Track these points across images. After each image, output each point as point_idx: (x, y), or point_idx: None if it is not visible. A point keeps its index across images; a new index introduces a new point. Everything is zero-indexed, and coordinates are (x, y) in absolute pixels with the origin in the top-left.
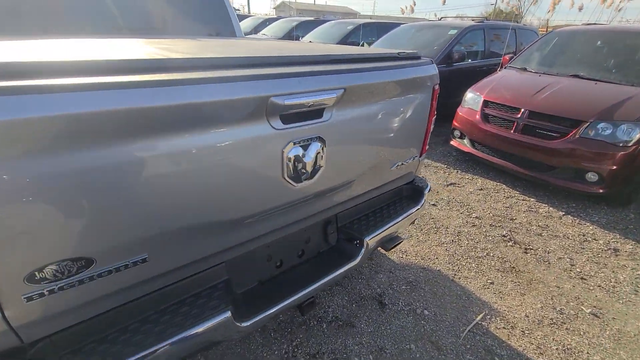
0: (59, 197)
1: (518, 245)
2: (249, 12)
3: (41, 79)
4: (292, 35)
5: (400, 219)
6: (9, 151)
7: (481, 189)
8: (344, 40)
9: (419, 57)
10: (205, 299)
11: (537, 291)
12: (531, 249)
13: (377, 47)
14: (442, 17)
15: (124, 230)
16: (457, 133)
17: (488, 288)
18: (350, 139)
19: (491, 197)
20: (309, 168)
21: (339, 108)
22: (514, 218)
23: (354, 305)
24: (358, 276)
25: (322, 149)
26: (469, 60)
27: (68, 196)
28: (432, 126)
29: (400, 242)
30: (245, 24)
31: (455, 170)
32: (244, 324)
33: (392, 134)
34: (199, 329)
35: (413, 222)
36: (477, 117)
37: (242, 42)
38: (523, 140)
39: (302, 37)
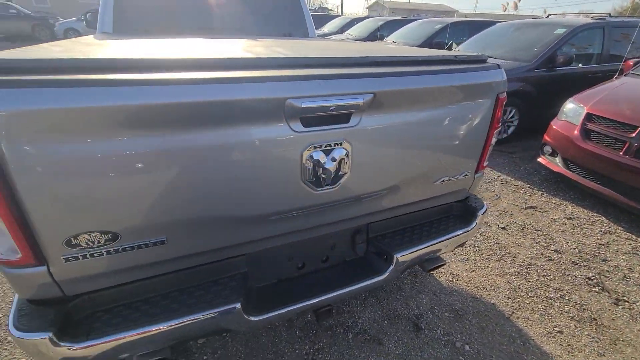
0: (100, 177)
1: (607, 293)
2: (341, 13)
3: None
4: (376, 35)
5: (441, 239)
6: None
7: (570, 218)
8: (429, 40)
9: (483, 61)
10: (221, 287)
11: (623, 356)
12: (626, 301)
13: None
14: (550, 14)
15: (147, 214)
16: (547, 149)
17: (554, 337)
18: (382, 148)
19: (581, 229)
20: (331, 174)
21: (370, 113)
22: (609, 259)
23: (385, 322)
24: (397, 292)
25: (347, 155)
26: (579, 64)
27: (107, 177)
28: (494, 139)
29: (441, 265)
30: (332, 25)
31: (540, 192)
32: (254, 318)
33: (437, 146)
34: (207, 314)
35: (461, 245)
36: (576, 132)
37: (299, 42)
38: (636, 165)
39: (386, 37)
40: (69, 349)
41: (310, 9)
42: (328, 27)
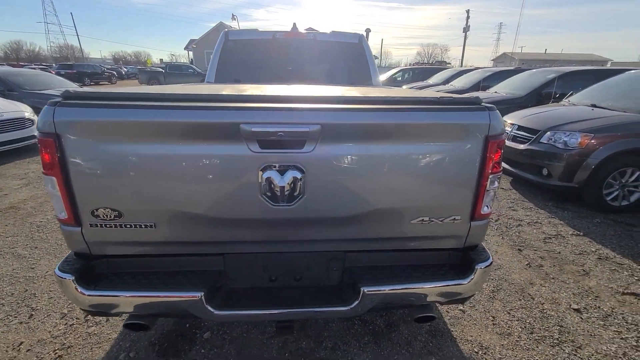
0: (114, 171)
1: None
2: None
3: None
4: (480, 85)
5: (421, 285)
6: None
7: None
8: (537, 91)
9: (474, 103)
10: (195, 276)
11: None
12: None
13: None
14: None
15: (141, 202)
16: None
17: None
18: (340, 176)
19: None
20: (285, 192)
21: (326, 143)
22: None
23: None
24: (404, 346)
25: (301, 177)
26: None
27: (118, 171)
28: (489, 185)
29: (430, 318)
30: (438, 77)
31: None
32: (214, 311)
33: (406, 183)
34: (176, 295)
35: (459, 301)
36: None
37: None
38: None
39: (489, 87)
40: (80, 292)
41: (424, 63)
42: (434, 79)
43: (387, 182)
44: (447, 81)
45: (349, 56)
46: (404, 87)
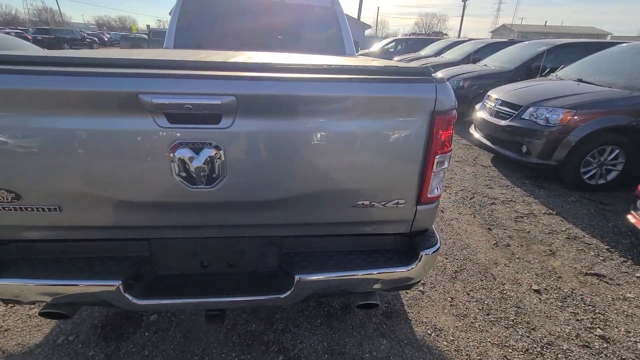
0: (7, 148)
1: None
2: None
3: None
4: (470, 58)
5: (358, 273)
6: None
7: None
8: (526, 64)
9: (422, 73)
10: (115, 263)
11: None
12: None
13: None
14: None
15: (38, 183)
16: None
17: None
18: (266, 156)
19: None
20: (202, 174)
21: (246, 117)
22: None
23: (325, 357)
24: (357, 327)
25: (220, 157)
26: None
27: (9, 146)
28: (437, 166)
29: (372, 305)
30: (430, 48)
31: (621, 259)
32: (135, 300)
33: (341, 162)
34: (92, 284)
35: (406, 287)
36: None
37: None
38: None
39: (480, 60)
40: None
41: (421, 34)
42: (426, 51)
43: (319, 162)
44: (439, 53)
45: (320, 22)
46: (395, 58)
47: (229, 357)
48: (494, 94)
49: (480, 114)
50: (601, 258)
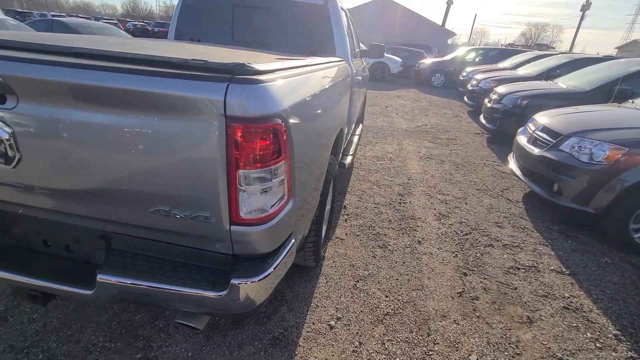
0: None
1: None
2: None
3: None
4: (545, 75)
5: (164, 286)
6: None
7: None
8: (607, 86)
9: (225, 71)
10: None
11: None
12: None
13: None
14: None
15: None
16: None
17: None
18: (52, 142)
19: None
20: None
21: (30, 101)
22: None
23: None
24: (233, 346)
25: (9, 136)
26: None
27: None
28: (242, 183)
29: (189, 325)
30: (512, 60)
31: (628, 354)
32: None
33: (126, 161)
34: None
35: (230, 318)
36: None
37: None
38: None
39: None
40: None
41: (518, 45)
42: (505, 63)
43: (101, 156)
44: (518, 66)
45: (312, 21)
46: (468, 69)
47: (97, 340)
48: (540, 117)
49: (519, 138)
50: (598, 344)
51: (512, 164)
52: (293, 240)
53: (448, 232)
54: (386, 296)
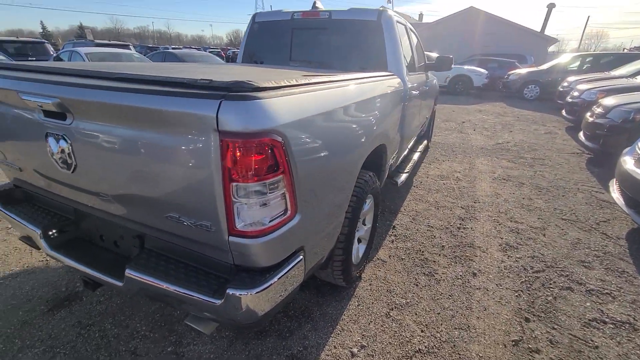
0: None
1: None
2: None
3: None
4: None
5: (176, 288)
6: None
7: None
8: None
9: (226, 89)
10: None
11: None
12: None
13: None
14: None
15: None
16: None
17: None
18: (98, 153)
19: None
20: (62, 159)
21: (82, 118)
22: None
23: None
24: (250, 358)
25: (69, 148)
26: None
27: None
28: (237, 196)
29: (197, 329)
30: (629, 67)
31: None
32: (51, 251)
33: (140, 171)
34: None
35: (234, 327)
36: None
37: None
38: None
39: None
40: None
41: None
42: (621, 70)
43: (130, 167)
44: (637, 73)
45: (365, 37)
46: (571, 78)
47: (140, 328)
48: None
49: (624, 160)
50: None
51: (614, 192)
52: (301, 256)
53: (514, 266)
54: (422, 331)
